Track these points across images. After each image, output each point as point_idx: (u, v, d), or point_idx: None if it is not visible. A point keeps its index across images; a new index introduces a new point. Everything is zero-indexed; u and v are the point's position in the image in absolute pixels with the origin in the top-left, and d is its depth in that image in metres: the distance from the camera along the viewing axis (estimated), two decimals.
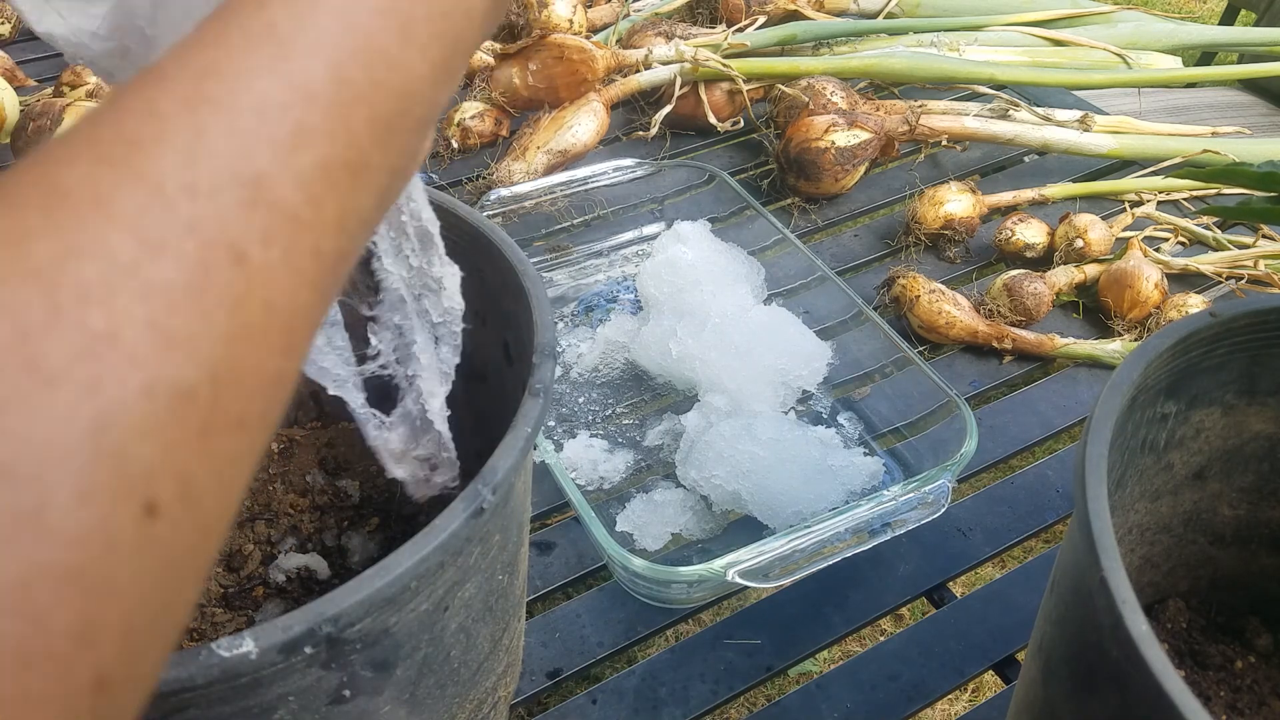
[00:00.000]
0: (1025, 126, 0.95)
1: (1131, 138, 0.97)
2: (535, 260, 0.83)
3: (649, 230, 0.87)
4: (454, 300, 0.39)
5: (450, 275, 0.38)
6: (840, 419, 0.71)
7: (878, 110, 0.95)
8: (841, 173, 0.90)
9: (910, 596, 0.62)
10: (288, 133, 0.21)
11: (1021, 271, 0.82)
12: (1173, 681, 0.29)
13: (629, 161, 0.85)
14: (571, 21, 1.04)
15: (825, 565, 0.57)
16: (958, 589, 0.64)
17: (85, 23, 0.30)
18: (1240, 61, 1.49)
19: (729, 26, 1.03)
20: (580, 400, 0.72)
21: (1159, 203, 0.94)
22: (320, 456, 0.57)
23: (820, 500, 0.62)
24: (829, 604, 0.61)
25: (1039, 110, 0.96)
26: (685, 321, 0.71)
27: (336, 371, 0.39)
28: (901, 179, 0.97)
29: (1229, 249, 0.88)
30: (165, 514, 0.18)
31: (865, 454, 0.67)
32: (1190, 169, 0.81)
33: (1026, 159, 1.02)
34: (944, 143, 0.94)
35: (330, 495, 0.55)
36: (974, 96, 1.01)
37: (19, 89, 1.01)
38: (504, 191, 0.81)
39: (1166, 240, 0.91)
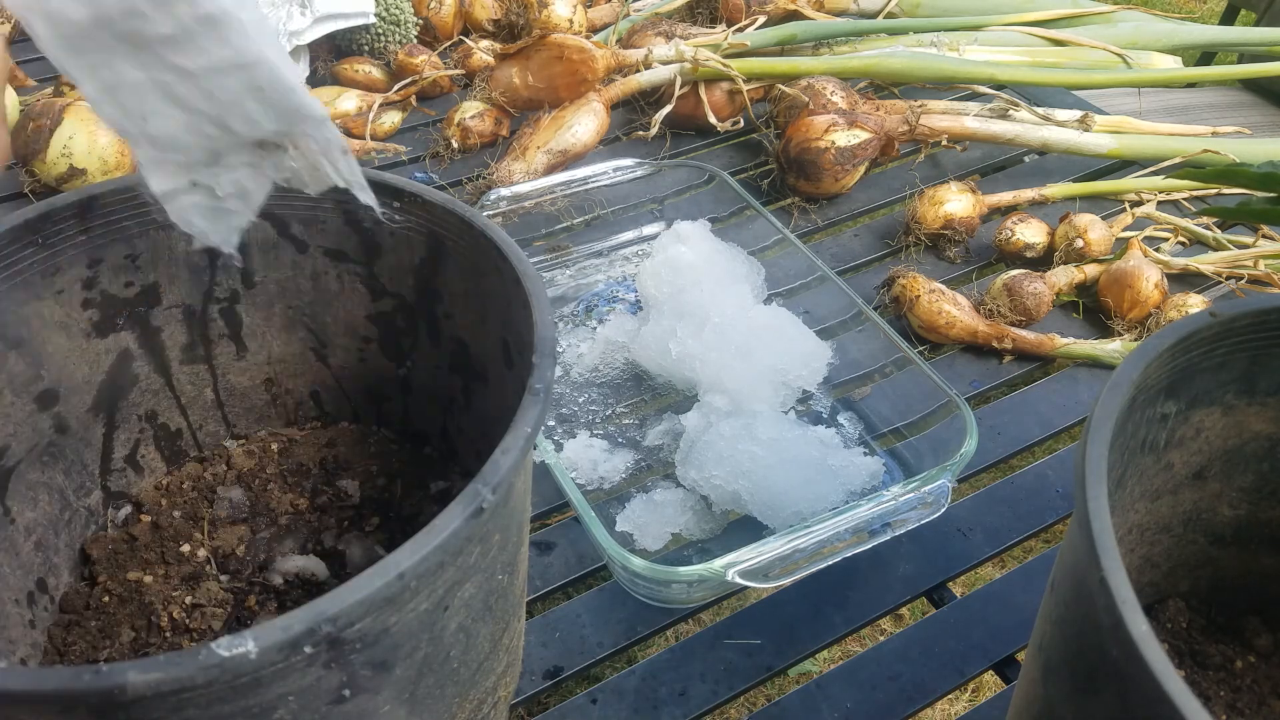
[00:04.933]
0: (1025, 126, 0.95)
1: (1131, 138, 0.97)
2: (535, 260, 0.83)
3: (649, 230, 0.87)
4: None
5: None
6: (840, 419, 0.71)
7: (878, 110, 0.95)
8: (841, 173, 0.90)
9: (910, 596, 0.62)
10: None
11: (1021, 271, 0.81)
12: (1173, 681, 0.29)
13: (629, 161, 0.85)
14: (571, 21, 1.04)
15: (825, 565, 0.57)
16: (958, 589, 0.64)
17: None
18: (1240, 61, 1.49)
19: (729, 26, 1.03)
20: (580, 400, 0.72)
21: (1159, 203, 0.94)
22: (320, 456, 0.57)
23: (820, 500, 0.62)
24: (829, 604, 0.61)
25: (1039, 110, 0.96)
26: (685, 321, 0.71)
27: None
28: (901, 179, 0.97)
29: (1229, 249, 0.88)
30: None
31: (865, 454, 0.67)
32: (1190, 169, 0.81)
33: (1026, 159, 1.02)
34: (944, 143, 0.94)
35: (330, 495, 0.55)
36: (974, 96, 1.01)
37: (19, 89, 1.01)
38: (504, 191, 0.81)
39: (1166, 240, 0.91)
